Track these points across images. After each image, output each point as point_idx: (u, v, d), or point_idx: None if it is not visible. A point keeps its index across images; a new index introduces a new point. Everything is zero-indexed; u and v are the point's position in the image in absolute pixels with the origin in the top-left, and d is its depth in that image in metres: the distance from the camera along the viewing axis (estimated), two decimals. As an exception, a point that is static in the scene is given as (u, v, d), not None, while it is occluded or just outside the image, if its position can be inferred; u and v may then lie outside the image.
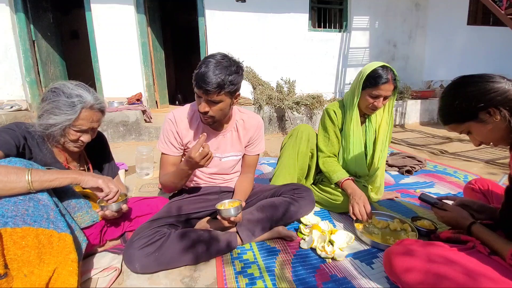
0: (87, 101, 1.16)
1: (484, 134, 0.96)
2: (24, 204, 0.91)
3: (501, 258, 0.89)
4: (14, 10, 4.00)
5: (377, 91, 1.50)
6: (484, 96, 0.90)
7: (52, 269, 0.89)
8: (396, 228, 1.46)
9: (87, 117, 1.17)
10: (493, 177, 2.28)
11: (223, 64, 1.20)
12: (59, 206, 1.02)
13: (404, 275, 0.94)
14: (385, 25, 5.33)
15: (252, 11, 4.65)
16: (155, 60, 4.77)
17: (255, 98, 4.13)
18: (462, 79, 0.98)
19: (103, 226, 1.25)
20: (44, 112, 1.13)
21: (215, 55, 1.22)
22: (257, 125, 1.50)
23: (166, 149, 1.40)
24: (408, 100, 4.91)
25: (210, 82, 1.16)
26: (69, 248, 0.93)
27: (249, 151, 1.53)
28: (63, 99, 1.12)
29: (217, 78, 1.17)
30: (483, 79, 0.92)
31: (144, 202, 1.47)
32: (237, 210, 1.24)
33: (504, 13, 3.57)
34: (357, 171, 1.71)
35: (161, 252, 1.16)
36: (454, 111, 0.98)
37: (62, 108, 1.12)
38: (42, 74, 4.34)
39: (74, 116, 1.13)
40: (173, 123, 1.38)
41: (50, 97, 1.13)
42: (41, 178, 0.95)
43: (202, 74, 1.17)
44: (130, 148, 3.43)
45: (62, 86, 1.15)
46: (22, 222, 0.88)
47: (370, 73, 1.50)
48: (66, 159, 1.27)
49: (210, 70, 1.17)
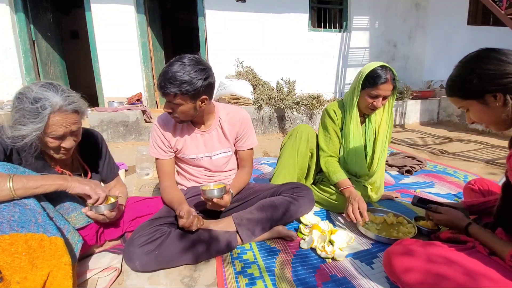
0: (54, 103, 1.00)
1: (481, 116, 0.93)
2: (9, 210, 0.88)
3: (500, 258, 0.89)
4: (14, 10, 4.00)
5: (376, 91, 1.50)
6: (499, 80, 0.84)
7: (46, 273, 0.87)
8: (393, 222, 1.50)
9: (59, 122, 1.03)
10: (493, 177, 2.28)
11: (185, 68, 1.18)
12: (47, 209, 1.00)
13: (404, 275, 0.94)
14: (385, 25, 5.33)
15: (252, 11, 4.65)
16: (155, 60, 4.78)
17: (255, 98, 4.12)
18: (486, 52, 0.89)
19: (99, 227, 1.24)
20: (15, 122, 1.00)
21: (183, 57, 1.22)
22: (242, 119, 1.50)
23: (157, 154, 1.44)
24: (408, 100, 4.91)
25: (165, 86, 1.18)
26: (61, 252, 0.91)
27: (240, 146, 1.54)
28: (28, 106, 0.98)
29: (172, 81, 1.17)
30: (509, 59, 0.84)
31: (144, 202, 1.46)
32: (220, 191, 1.25)
33: (504, 13, 3.57)
34: (357, 171, 1.70)
35: (161, 250, 1.16)
36: (463, 85, 0.92)
37: (27, 117, 0.98)
38: (42, 74, 4.34)
39: (42, 124, 0.99)
40: (158, 128, 1.42)
41: (16, 105, 1.00)
42: (25, 185, 0.90)
43: (160, 76, 1.20)
44: (130, 148, 3.43)
45: (26, 90, 1.01)
46: (9, 229, 0.85)
47: (369, 73, 1.51)
48: (58, 164, 1.22)
49: (168, 72, 1.18)
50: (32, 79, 4.20)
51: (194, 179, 1.54)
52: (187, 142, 1.44)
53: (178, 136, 1.43)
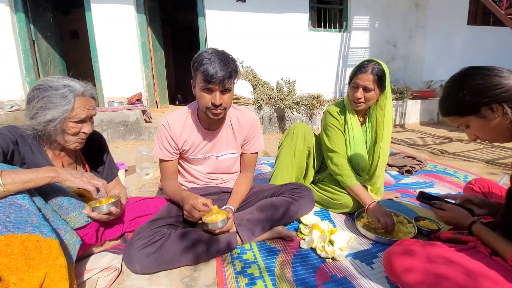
0: (77, 89, 1.13)
1: (482, 130, 0.93)
2: (4, 211, 0.87)
3: (502, 259, 0.89)
4: (14, 10, 4.00)
5: (355, 81, 1.53)
6: (490, 91, 0.86)
7: (43, 274, 0.86)
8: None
9: (83, 105, 1.14)
10: (493, 177, 2.28)
11: (224, 53, 1.25)
12: (43, 210, 0.99)
13: (404, 275, 0.94)
14: (385, 25, 5.33)
15: (252, 11, 4.65)
16: (155, 60, 4.78)
17: (255, 98, 4.13)
18: (469, 70, 0.92)
19: (98, 226, 1.24)
20: (38, 110, 1.08)
21: (208, 50, 1.25)
22: (252, 122, 1.49)
23: (161, 155, 1.41)
24: (408, 100, 4.91)
25: (226, 70, 1.20)
26: (56, 254, 0.90)
27: (246, 150, 1.53)
28: (52, 92, 1.08)
29: (228, 66, 1.21)
30: (492, 72, 0.87)
31: (144, 202, 1.46)
32: (223, 222, 1.23)
33: (504, 13, 3.57)
34: (358, 171, 1.70)
35: (161, 252, 1.16)
36: (456, 103, 0.93)
37: (55, 101, 1.08)
38: (42, 74, 4.34)
39: (69, 106, 1.09)
40: (166, 128, 1.38)
41: (38, 94, 1.08)
42: (14, 179, 0.90)
43: (213, 67, 1.19)
44: (130, 148, 3.43)
45: (46, 81, 1.11)
46: (4, 230, 0.84)
47: (355, 66, 1.55)
48: (62, 164, 1.24)
49: (218, 60, 1.20)
50: (32, 79, 4.20)
51: (195, 181, 1.52)
52: (195, 142, 1.42)
53: (186, 137, 1.40)
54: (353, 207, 1.65)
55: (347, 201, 1.64)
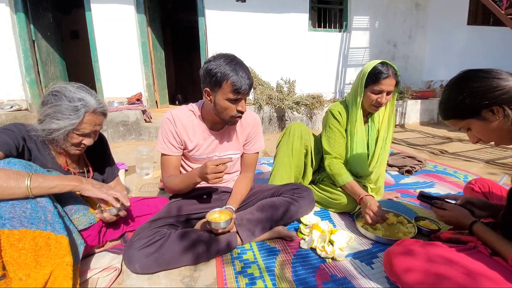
0: (90, 105, 1.13)
1: (484, 132, 0.93)
2: (21, 206, 0.89)
3: (502, 259, 0.89)
4: (14, 10, 3.99)
5: (379, 86, 1.50)
6: (490, 94, 0.86)
7: (49, 271, 0.88)
8: (393, 222, 1.49)
9: (90, 121, 1.15)
10: (493, 177, 2.28)
11: (240, 61, 1.28)
12: (58, 207, 1.01)
13: (404, 275, 0.94)
14: (385, 25, 5.33)
15: (252, 11, 4.65)
16: (155, 60, 4.77)
17: (255, 98, 4.13)
18: (468, 73, 0.93)
19: (101, 227, 1.25)
20: (46, 116, 1.10)
21: (224, 58, 1.25)
22: (254, 122, 1.50)
23: (166, 150, 1.38)
24: (408, 100, 4.91)
25: (250, 78, 1.25)
26: (65, 251, 0.92)
27: (247, 149, 1.53)
28: (66, 103, 1.09)
29: (249, 73, 1.26)
30: (491, 75, 0.88)
31: (144, 202, 1.46)
32: (227, 223, 1.24)
33: (504, 13, 3.57)
34: (359, 171, 1.70)
35: (161, 252, 1.16)
36: (456, 106, 0.94)
37: (65, 113, 1.09)
38: (42, 74, 4.34)
39: (77, 120, 1.11)
40: (171, 122, 1.36)
41: (52, 101, 1.10)
42: (41, 184, 0.93)
43: (240, 78, 1.21)
44: (130, 148, 3.43)
45: (63, 90, 1.12)
46: (19, 225, 0.86)
47: (371, 71, 1.51)
48: (66, 162, 1.26)
49: (242, 70, 1.24)
50: (32, 79, 4.21)
51: None
52: (199, 142, 1.41)
53: (190, 135, 1.40)
54: (353, 207, 1.65)
55: (347, 201, 1.63)
